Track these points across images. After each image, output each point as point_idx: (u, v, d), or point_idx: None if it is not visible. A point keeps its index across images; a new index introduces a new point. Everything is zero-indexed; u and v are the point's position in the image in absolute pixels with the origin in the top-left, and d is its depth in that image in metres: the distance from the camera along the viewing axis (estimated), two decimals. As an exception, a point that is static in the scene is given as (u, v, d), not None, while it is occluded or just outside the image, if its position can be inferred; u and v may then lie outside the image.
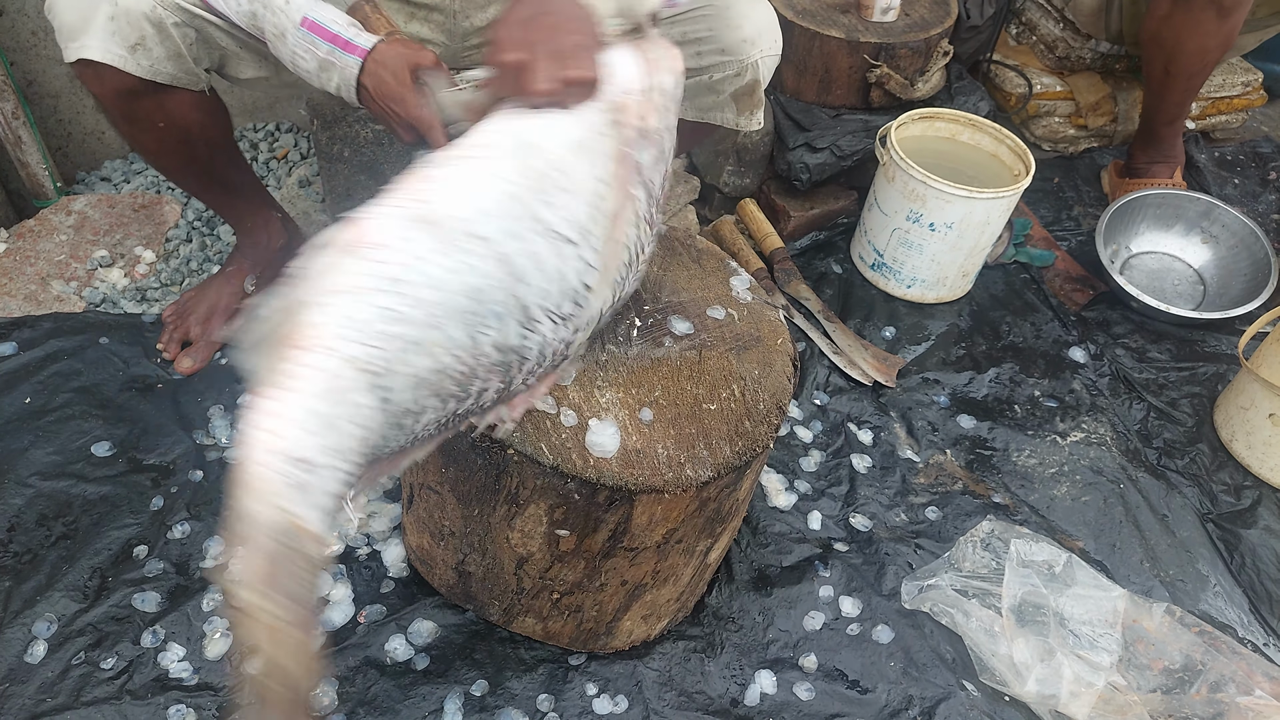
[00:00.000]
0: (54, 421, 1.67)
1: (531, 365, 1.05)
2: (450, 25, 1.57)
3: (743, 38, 1.51)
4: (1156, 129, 2.43)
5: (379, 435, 0.90)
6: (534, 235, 0.96)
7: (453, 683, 1.41)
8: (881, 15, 2.22)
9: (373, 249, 0.90)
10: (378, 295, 0.88)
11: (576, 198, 1.00)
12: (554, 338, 1.03)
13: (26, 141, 2.11)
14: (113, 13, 1.34)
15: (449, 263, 0.91)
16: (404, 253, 0.90)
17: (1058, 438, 1.97)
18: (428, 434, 1.00)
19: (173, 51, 1.40)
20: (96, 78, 1.39)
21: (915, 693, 1.52)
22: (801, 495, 1.78)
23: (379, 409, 0.88)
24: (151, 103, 1.45)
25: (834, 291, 2.24)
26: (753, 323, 1.37)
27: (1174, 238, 2.41)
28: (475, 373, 0.96)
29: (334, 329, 0.86)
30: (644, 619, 1.44)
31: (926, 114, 2.21)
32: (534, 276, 0.96)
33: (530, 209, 0.97)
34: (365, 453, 0.88)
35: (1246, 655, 1.60)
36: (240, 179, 1.75)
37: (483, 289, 0.93)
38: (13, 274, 1.96)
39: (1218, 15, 2.12)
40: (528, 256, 0.95)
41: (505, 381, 1.02)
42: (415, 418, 0.93)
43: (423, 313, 0.90)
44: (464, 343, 0.93)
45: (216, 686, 1.37)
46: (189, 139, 1.54)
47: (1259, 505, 1.89)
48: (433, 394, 0.93)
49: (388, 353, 0.88)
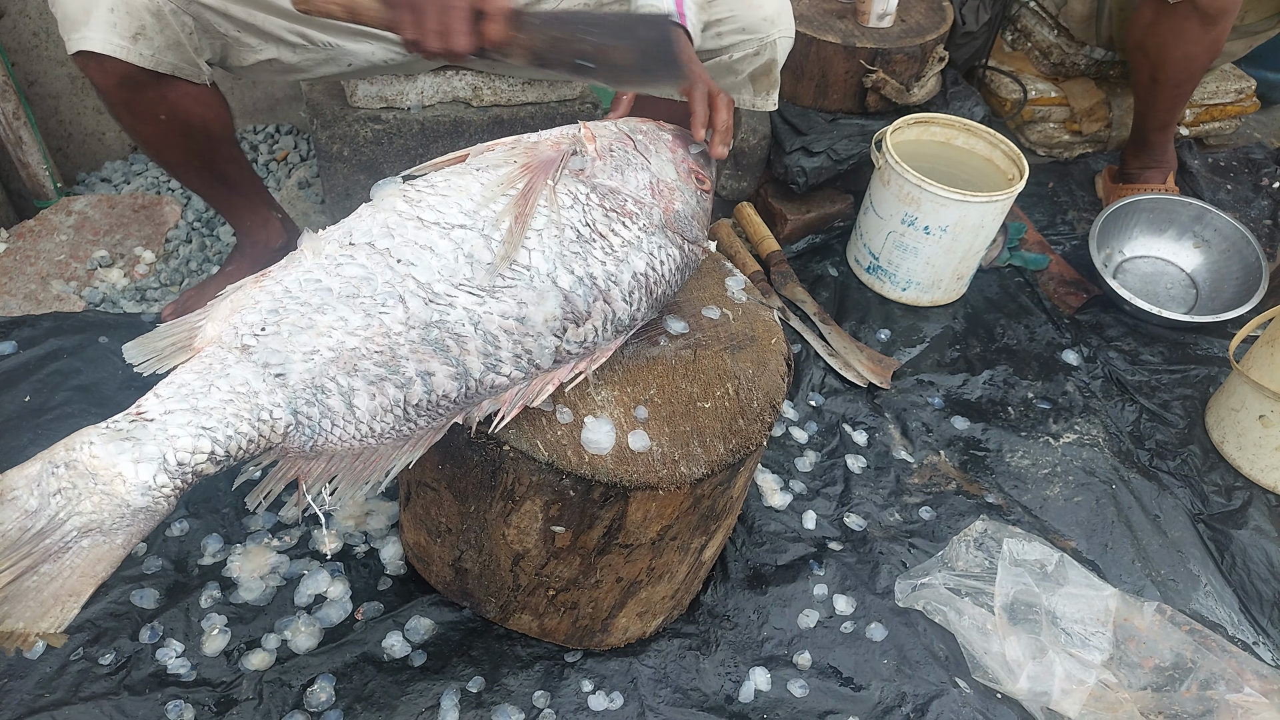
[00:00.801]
0: (53, 420, 1.68)
1: (504, 352, 1.09)
2: None
3: (763, 16, 1.58)
4: (1148, 135, 2.45)
5: (287, 410, 1.01)
6: (416, 230, 1.08)
7: (449, 679, 1.42)
8: (878, 21, 2.24)
9: (263, 279, 1.07)
10: (264, 300, 1.04)
11: (461, 194, 1.11)
12: (485, 310, 1.07)
13: (27, 142, 2.12)
14: (112, 4, 1.36)
15: (326, 264, 1.06)
16: (288, 273, 1.06)
17: (1051, 439, 1.98)
18: (395, 428, 1.06)
19: (173, 40, 1.42)
20: (99, 68, 1.41)
21: (908, 690, 1.53)
22: (797, 495, 1.79)
23: (276, 385, 1.01)
24: (154, 94, 1.47)
25: (830, 294, 2.25)
26: (747, 323, 1.38)
27: (1166, 242, 2.43)
28: (397, 351, 1.04)
29: (221, 330, 1.02)
30: (639, 616, 1.45)
31: (922, 119, 2.22)
32: (425, 259, 1.07)
33: (410, 214, 1.10)
34: (260, 424, 0.99)
35: (1236, 654, 1.61)
36: (241, 176, 1.77)
37: (364, 278, 1.05)
38: (13, 273, 1.98)
39: (1201, 24, 2.13)
40: (411, 246, 1.07)
41: (459, 365, 1.07)
42: (344, 400, 1.03)
43: (305, 304, 1.03)
44: (359, 321, 1.03)
45: (214, 682, 1.37)
46: (190, 132, 1.56)
47: (1249, 506, 1.90)
48: (345, 372, 1.02)
49: (269, 334, 1.02)
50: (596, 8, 1.65)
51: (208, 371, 0.99)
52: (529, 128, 2.06)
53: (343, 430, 1.04)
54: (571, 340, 1.14)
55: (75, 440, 0.93)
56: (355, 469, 1.06)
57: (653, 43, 1.25)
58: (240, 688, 1.37)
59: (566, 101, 2.05)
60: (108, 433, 0.94)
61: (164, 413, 0.96)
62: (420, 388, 1.06)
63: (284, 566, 1.51)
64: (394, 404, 1.05)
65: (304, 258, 1.08)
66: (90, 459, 0.92)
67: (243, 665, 1.40)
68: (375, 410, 1.05)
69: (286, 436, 1.02)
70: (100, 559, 0.92)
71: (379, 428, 1.06)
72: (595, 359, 1.19)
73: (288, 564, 1.52)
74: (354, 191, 2.10)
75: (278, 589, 1.49)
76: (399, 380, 1.05)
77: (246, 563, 1.51)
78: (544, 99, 2.03)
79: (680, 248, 1.24)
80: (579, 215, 1.15)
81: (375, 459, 1.07)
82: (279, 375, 1.01)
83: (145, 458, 0.93)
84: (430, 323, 1.05)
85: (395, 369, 1.04)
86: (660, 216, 1.21)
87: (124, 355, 1.03)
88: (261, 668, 1.40)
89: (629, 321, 1.20)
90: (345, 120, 1.97)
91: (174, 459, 0.94)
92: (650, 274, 1.19)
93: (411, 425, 1.08)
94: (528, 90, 2.00)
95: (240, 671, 1.39)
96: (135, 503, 0.92)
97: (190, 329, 1.04)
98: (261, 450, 1.01)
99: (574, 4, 1.64)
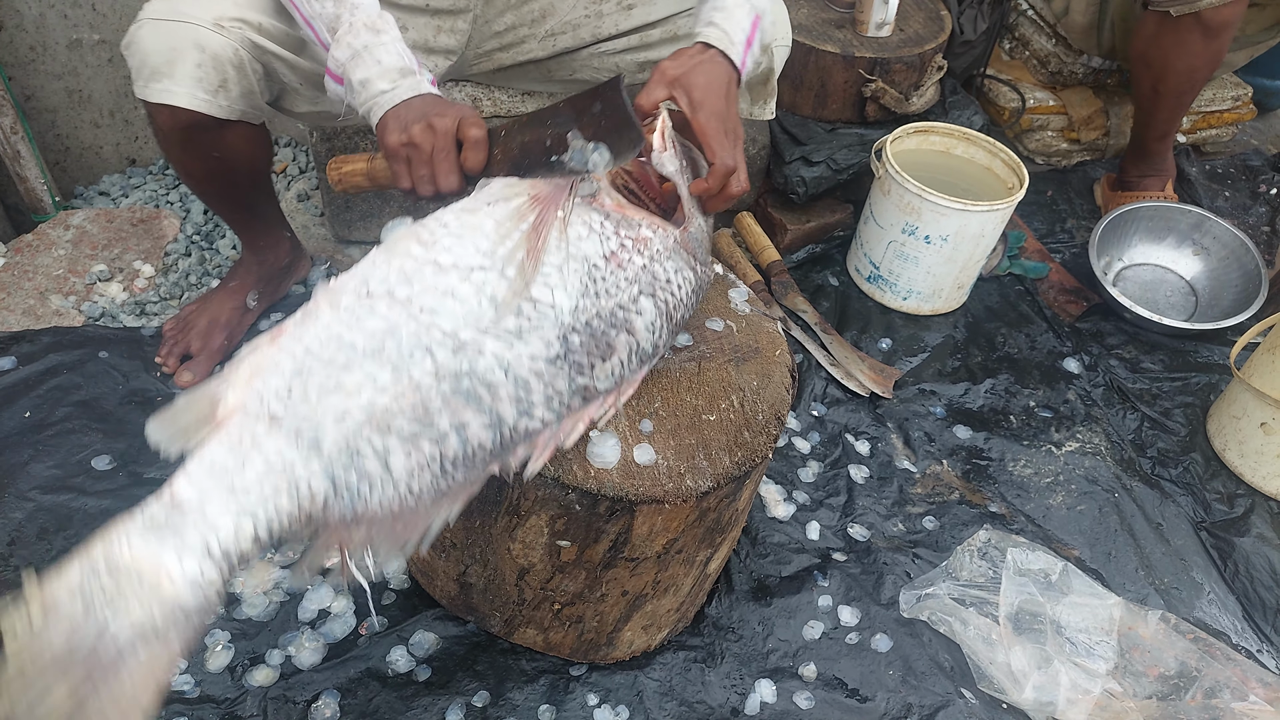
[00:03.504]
0: (54, 435, 1.67)
1: (536, 395, 1.05)
2: (472, 32, 1.62)
3: None
4: (1147, 144, 2.45)
5: (325, 479, 0.96)
6: (434, 275, 1.03)
7: (454, 694, 1.42)
8: (876, 31, 2.24)
9: (280, 336, 1.02)
10: (285, 362, 0.99)
11: (476, 233, 1.07)
12: (516, 355, 1.03)
13: (25, 156, 2.11)
14: (199, 60, 1.36)
15: (346, 318, 1.01)
16: (307, 330, 1.01)
17: (1053, 447, 1.98)
18: (433, 484, 1.02)
19: (247, 89, 1.43)
20: (171, 116, 1.41)
21: (914, 701, 1.53)
22: (800, 506, 1.79)
23: (311, 454, 0.95)
24: (215, 136, 1.47)
25: (830, 304, 2.25)
26: (751, 334, 1.38)
27: (1166, 250, 2.44)
28: (429, 406, 0.99)
29: (244, 396, 0.97)
30: (644, 629, 1.45)
31: (921, 128, 2.23)
32: (449, 305, 1.02)
33: (426, 258, 1.05)
34: (300, 498, 0.95)
35: (1240, 661, 1.61)
36: (267, 204, 1.79)
37: (388, 330, 1.00)
38: (11, 289, 1.97)
39: (1204, 36, 2.14)
40: (432, 293, 1.02)
41: (492, 413, 1.02)
42: (380, 461, 0.98)
43: (330, 363, 0.98)
44: (388, 377, 0.99)
45: (218, 699, 1.37)
46: (235, 169, 1.58)
47: (1251, 513, 1.90)
48: (379, 432, 0.97)
49: (296, 399, 0.96)
50: (596, 17, 1.65)
51: (238, 446, 0.94)
52: (529, 139, 2.06)
53: (381, 493, 0.99)
54: (599, 376, 1.10)
55: (111, 537, 0.88)
56: (395, 530, 1.01)
57: (603, 114, 1.19)
58: (244, 704, 1.36)
59: (566, 113, 2.05)
60: (144, 525, 0.89)
61: (199, 496, 0.91)
62: (455, 441, 1.01)
63: (287, 582, 1.51)
64: (430, 460, 1.01)
65: (321, 311, 1.02)
66: (131, 558, 0.87)
67: (247, 681, 1.39)
68: (412, 469, 1.00)
69: (326, 507, 0.97)
70: (159, 665, 0.86)
71: (416, 486, 1.01)
72: (623, 392, 1.15)
73: (291, 579, 1.51)
74: (354, 204, 2.10)
75: (281, 604, 1.48)
76: (433, 435, 1.00)
77: (250, 578, 1.50)
78: (544, 110, 2.03)
79: (694, 270, 1.21)
80: (596, 246, 1.11)
81: (414, 518, 1.02)
82: (313, 443, 0.96)
83: (188, 548, 0.88)
84: (460, 372, 1.01)
85: (429, 424, 1.00)
86: (675, 238, 1.18)
87: (147, 437, 0.96)
88: (265, 684, 1.39)
89: (653, 351, 1.16)
90: (346, 133, 1.97)
91: (217, 547, 0.89)
92: (670, 299, 1.16)
93: (449, 480, 1.03)
94: (527, 102, 2.00)
95: (244, 688, 1.38)
96: (185, 600, 0.88)
97: (211, 399, 0.98)
98: (303, 525, 0.96)
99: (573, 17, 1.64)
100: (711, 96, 1.23)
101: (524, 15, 1.63)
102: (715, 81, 1.25)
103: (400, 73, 1.24)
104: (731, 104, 1.27)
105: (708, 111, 1.22)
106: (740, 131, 1.27)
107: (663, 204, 1.28)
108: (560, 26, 1.65)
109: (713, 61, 1.26)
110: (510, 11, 1.62)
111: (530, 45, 1.67)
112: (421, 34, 1.57)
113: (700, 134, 1.22)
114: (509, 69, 1.73)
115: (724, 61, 1.28)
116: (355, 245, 2.19)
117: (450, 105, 1.23)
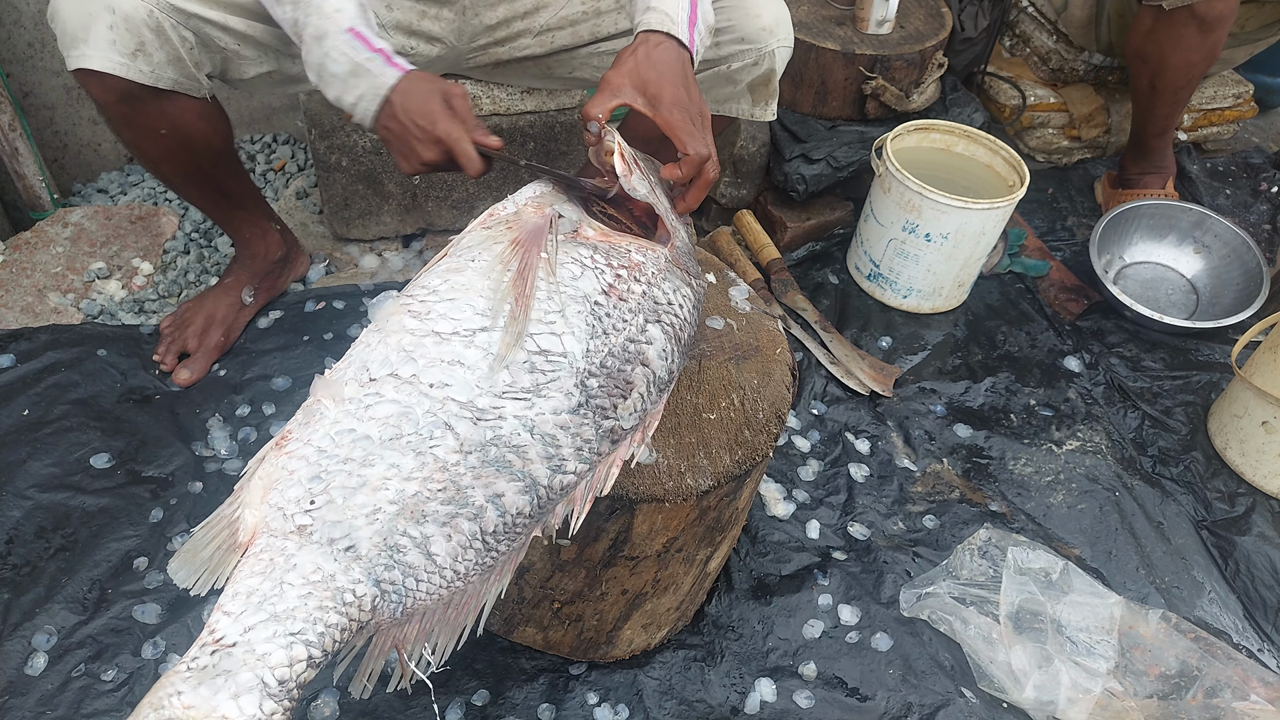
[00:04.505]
0: (52, 433, 1.66)
1: (566, 449, 1.01)
2: (460, 23, 1.60)
3: (761, 26, 1.56)
4: (1147, 141, 2.45)
5: (369, 583, 0.91)
6: (436, 346, 0.98)
7: (454, 693, 1.41)
8: (877, 28, 2.24)
9: (286, 441, 0.96)
10: (300, 468, 0.93)
11: (469, 292, 1.02)
12: (538, 412, 0.99)
13: (23, 153, 2.11)
14: (111, 21, 1.35)
15: (353, 409, 0.95)
16: (314, 430, 0.95)
17: (1053, 446, 1.98)
18: (479, 562, 0.98)
19: (173, 56, 1.41)
20: (99, 84, 1.40)
21: (914, 700, 1.52)
22: (800, 504, 1.78)
23: (350, 561, 0.90)
24: (154, 109, 1.46)
25: (831, 302, 2.25)
26: (751, 333, 1.38)
27: (1167, 248, 2.43)
28: (460, 483, 0.95)
29: (264, 514, 0.91)
30: (644, 628, 1.44)
31: (922, 125, 2.22)
32: (458, 375, 0.97)
33: (424, 329, 1.00)
34: (347, 608, 0.90)
35: (1241, 661, 1.61)
36: (240, 189, 1.76)
37: (401, 414, 0.95)
38: (9, 286, 1.96)
39: (1199, 31, 2.13)
40: (438, 365, 0.97)
41: (525, 477, 0.98)
42: (422, 552, 0.93)
43: (348, 460, 0.93)
44: (412, 463, 0.94)
45: (217, 698, 1.36)
46: (191, 146, 1.55)
47: (1253, 512, 1.90)
48: (414, 521, 0.93)
49: (320, 506, 0.91)
50: (594, 15, 1.65)
51: (271, 568, 0.88)
52: (528, 136, 2.05)
53: (428, 583, 0.95)
54: (623, 414, 1.06)
55: (160, 696, 0.81)
56: (449, 618, 0.98)
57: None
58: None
59: (566, 110, 2.05)
60: (192, 675, 0.82)
61: (243, 631, 0.85)
62: (494, 513, 0.97)
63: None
64: (471, 539, 0.96)
65: (325, 408, 0.97)
66: (185, 712, 0.81)
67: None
68: (455, 551, 0.95)
69: (375, 610, 0.92)
70: None
71: (462, 568, 0.97)
72: (648, 426, 1.11)
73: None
74: (352, 201, 2.09)
75: (280, 603, 1.48)
76: (470, 512, 0.95)
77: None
78: (543, 107, 2.02)
79: (690, 285, 1.16)
80: (593, 282, 1.06)
81: (466, 600, 0.99)
82: (349, 549, 0.90)
83: (244, 689, 0.82)
84: (485, 442, 0.96)
85: (464, 502, 0.95)
86: (666, 257, 1.14)
87: (173, 579, 0.92)
88: (264, 683, 1.38)
89: (668, 378, 1.12)
90: (343, 130, 1.97)
91: (273, 680, 0.84)
92: (675, 321, 1.11)
93: (493, 554, 0.99)
94: (527, 99, 2.00)
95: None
96: None
97: (229, 524, 0.93)
98: (355, 634, 0.91)
99: (570, 13, 1.64)
100: (667, 87, 1.20)
101: (516, 8, 1.63)
102: (668, 70, 1.22)
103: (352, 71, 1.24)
104: (691, 86, 1.24)
105: (668, 103, 1.19)
106: (706, 111, 1.24)
107: (644, 220, 1.25)
108: (558, 23, 1.65)
109: (660, 48, 1.23)
110: (503, 4, 1.62)
111: (526, 41, 1.67)
112: (406, 15, 1.57)
113: (666, 128, 1.19)
114: (507, 65, 1.72)
115: (671, 43, 1.24)
116: (354, 243, 2.18)
117: None
